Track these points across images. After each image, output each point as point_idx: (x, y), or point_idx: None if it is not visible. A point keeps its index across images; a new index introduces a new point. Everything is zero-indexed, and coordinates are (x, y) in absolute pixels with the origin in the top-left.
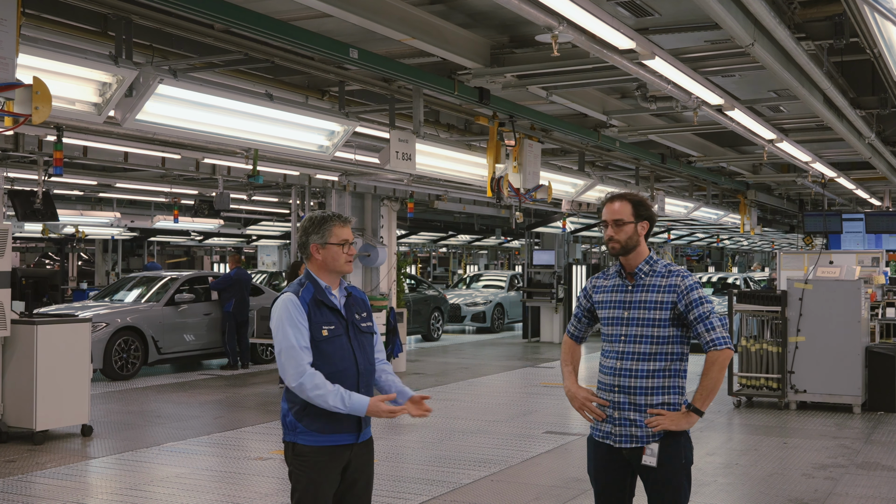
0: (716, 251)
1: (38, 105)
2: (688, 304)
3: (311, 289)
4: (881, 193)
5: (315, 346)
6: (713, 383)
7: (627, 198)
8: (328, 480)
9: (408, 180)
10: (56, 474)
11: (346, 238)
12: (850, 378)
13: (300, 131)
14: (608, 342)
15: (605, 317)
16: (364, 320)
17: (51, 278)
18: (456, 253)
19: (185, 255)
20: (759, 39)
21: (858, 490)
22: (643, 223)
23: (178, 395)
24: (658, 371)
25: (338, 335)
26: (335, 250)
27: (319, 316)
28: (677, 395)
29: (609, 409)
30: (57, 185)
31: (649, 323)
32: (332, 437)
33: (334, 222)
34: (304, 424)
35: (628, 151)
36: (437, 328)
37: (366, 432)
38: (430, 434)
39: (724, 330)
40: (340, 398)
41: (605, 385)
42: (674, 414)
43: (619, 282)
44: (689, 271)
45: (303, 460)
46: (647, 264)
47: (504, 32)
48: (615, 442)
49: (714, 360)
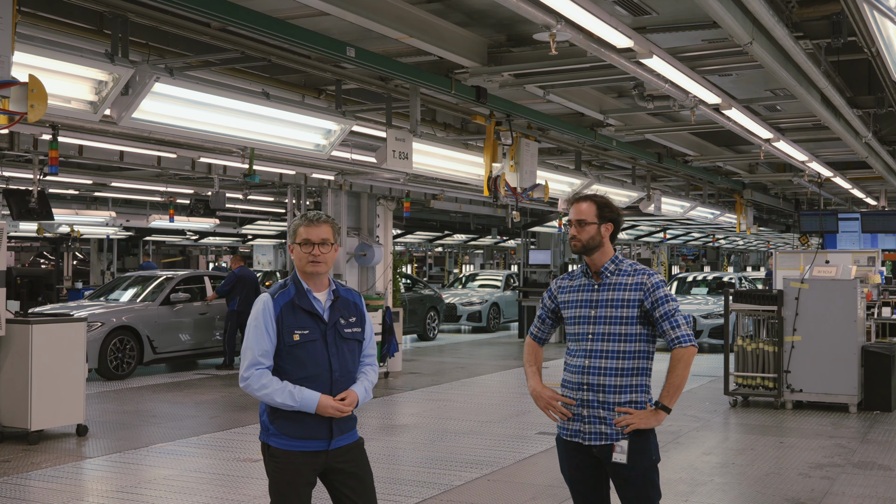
0: (711, 251)
1: (34, 103)
2: (654, 302)
3: (292, 291)
4: (877, 193)
5: (286, 351)
6: (679, 380)
7: (593, 199)
8: (300, 483)
9: (404, 179)
10: (51, 474)
11: (307, 238)
12: (847, 377)
13: (297, 130)
14: (574, 341)
15: (572, 316)
16: (350, 325)
17: (46, 278)
18: (452, 252)
19: (181, 255)
20: (757, 38)
21: (855, 490)
22: (607, 225)
23: (174, 394)
24: (626, 369)
25: (311, 340)
26: (297, 251)
27: (293, 320)
28: (644, 393)
29: (577, 407)
30: (52, 185)
31: (617, 321)
32: (301, 443)
33: (300, 222)
34: (275, 427)
35: (625, 151)
36: (433, 328)
37: (341, 439)
38: (423, 435)
39: (688, 328)
40: (288, 394)
41: (572, 383)
42: (642, 412)
43: (584, 281)
44: (655, 271)
45: (275, 462)
46: (612, 263)
47: (501, 31)
48: (584, 440)
49: (680, 357)
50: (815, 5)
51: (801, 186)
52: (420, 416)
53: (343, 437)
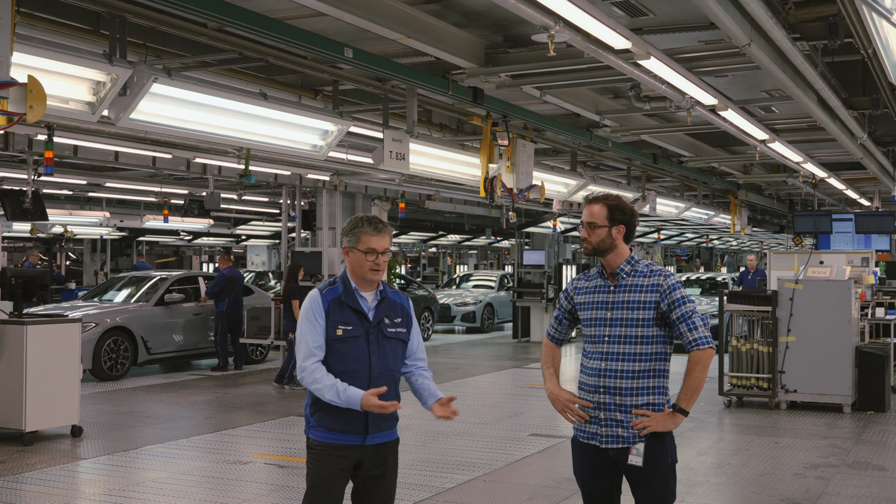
0: (705, 251)
1: (33, 104)
2: (670, 304)
3: (340, 289)
4: (870, 194)
5: (329, 345)
6: (697, 383)
7: (605, 202)
8: (334, 475)
9: (399, 180)
10: (46, 475)
11: (373, 247)
12: (841, 378)
13: (294, 131)
14: (591, 343)
15: (588, 318)
16: (395, 325)
17: (40, 278)
18: (446, 253)
19: (174, 255)
20: (755, 40)
21: (850, 490)
22: (618, 227)
23: (168, 395)
24: (643, 371)
25: (354, 336)
26: (360, 258)
27: (339, 315)
28: (661, 395)
29: (593, 409)
30: (46, 185)
31: (633, 323)
32: (337, 436)
33: (364, 229)
34: (315, 420)
35: (620, 151)
36: (427, 328)
37: (378, 436)
38: (415, 436)
39: (706, 329)
40: (336, 391)
41: (589, 386)
42: (659, 415)
43: (601, 282)
44: (671, 272)
45: (312, 454)
46: (628, 264)
47: (498, 32)
48: (601, 443)
49: (697, 359)
50: (811, 7)
51: (795, 187)
52: (412, 417)
53: (381, 434)
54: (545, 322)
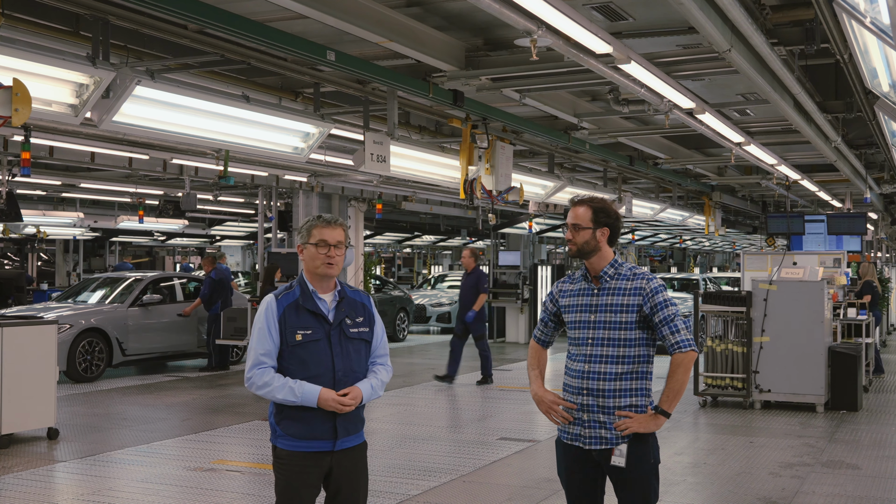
0: (678, 252)
1: (18, 107)
2: (653, 307)
3: (297, 293)
4: (842, 195)
5: (290, 351)
6: (679, 385)
7: (590, 204)
8: (305, 485)
9: (377, 181)
10: (22, 478)
11: (323, 238)
12: (814, 377)
13: (276, 133)
14: (575, 345)
15: (572, 320)
16: (356, 325)
17: (16, 280)
18: (420, 253)
19: (147, 256)
20: (735, 45)
21: (825, 488)
22: (603, 229)
23: (145, 397)
24: (625, 374)
25: (314, 340)
26: (312, 252)
27: (296, 320)
28: (644, 397)
29: (577, 411)
30: (19, 185)
31: (616, 326)
32: (306, 443)
33: (315, 223)
34: (281, 428)
35: (597, 153)
36: (402, 329)
37: (347, 440)
38: (382, 441)
39: (688, 332)
40: (289, 390)
41: (572, 388)
42: (641, 416)
43: (584, 285)
44: (654, 275)
45: (281, 463)
46: (611, 267)
47: (479, 35)
48: (584, 444)
49: (679, 362)
50: (787, 10)
51: (768, 189)
52: (381, 420)
53: (349, 438)
54: (520, 322)
